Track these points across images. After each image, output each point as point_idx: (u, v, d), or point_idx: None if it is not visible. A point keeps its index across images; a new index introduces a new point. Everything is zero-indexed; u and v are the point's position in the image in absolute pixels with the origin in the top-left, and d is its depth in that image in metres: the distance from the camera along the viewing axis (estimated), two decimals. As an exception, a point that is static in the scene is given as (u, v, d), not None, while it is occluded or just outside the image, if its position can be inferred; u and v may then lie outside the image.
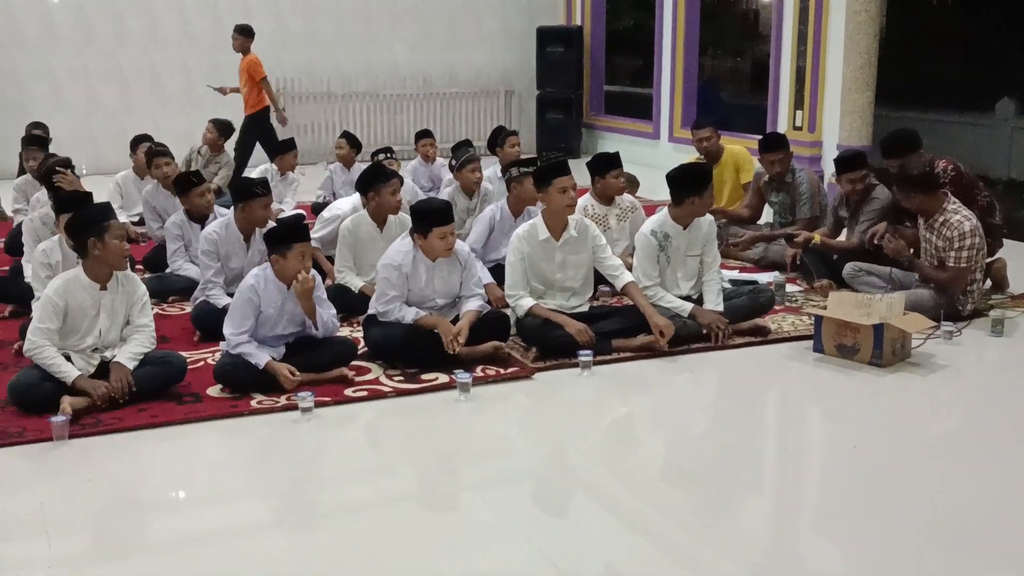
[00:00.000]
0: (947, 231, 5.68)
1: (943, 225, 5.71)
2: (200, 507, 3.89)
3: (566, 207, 5.41)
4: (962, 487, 3.89)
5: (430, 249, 5.14)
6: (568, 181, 5.40)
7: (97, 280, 4.66)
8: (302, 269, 4.85)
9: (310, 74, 13.22)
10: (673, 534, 3.59)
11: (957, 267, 5.68)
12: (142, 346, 4.71)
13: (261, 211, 5.84)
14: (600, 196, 6.70)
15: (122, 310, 4.75)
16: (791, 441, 4.65)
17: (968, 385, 5.09)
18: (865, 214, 6.53)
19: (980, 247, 5.72)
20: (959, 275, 5.71)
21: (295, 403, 4.56)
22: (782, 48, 10.59)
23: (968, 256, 5.65)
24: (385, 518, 3.70)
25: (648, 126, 13.07)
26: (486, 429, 4.65)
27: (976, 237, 5.66)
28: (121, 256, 4.66)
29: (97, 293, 4.66)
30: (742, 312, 5.68)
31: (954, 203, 5.77)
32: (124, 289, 4.75)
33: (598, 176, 6.64)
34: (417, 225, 5.15)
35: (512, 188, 6.41)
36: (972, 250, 5.65)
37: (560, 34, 13.77)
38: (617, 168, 6.66)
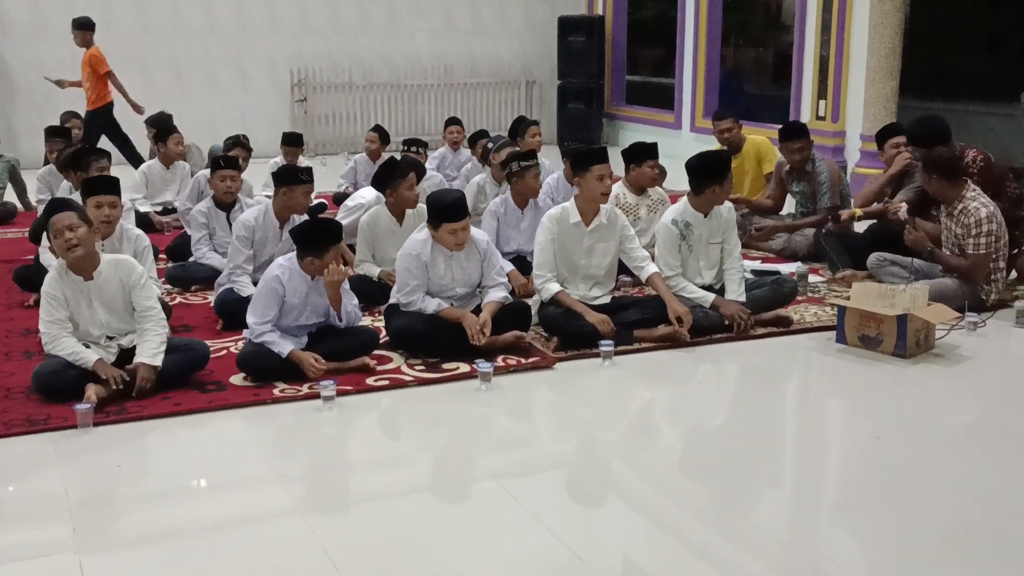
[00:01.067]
0: (965, 218, 5.65)
1: (962, 212, 5.69)
2: (222, 494, 3.92)
3: (601, 195, 5.40)
4: (985, 480, 3.86)
5: (441, 242, 5.14)
6: (606, 169, 5.39)
7: (79, 272, 4.65)
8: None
9: (332, 64, 13.24)
10: (693, 526, 3.59)
11: (976, 254, 5.64)
12: (157, 334, 4.69)
13: (303, 198, 5.89)
14: (633, 185, 6.71)
15: (119, 296, 4.72)
16: (813, 433, 4.63)
17: (992, 377, 5.06)
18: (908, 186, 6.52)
19: (998, 234, 5.68)
20: (980, 262, 5.67)
21: (317, 392, 4.58)
22: (805, 37, 10.53)
23: (987, 243, 5.62)
24: (406, 506, 3.71)
25: (670, 116, 13.02)
26: (507, 419, 4.66)
27: (993, 223, 5.63)
28: (63, 251, 4.59)
29: (84, 284, 4.66)
30: (764, 303, 5.66)
31: (973, 190, 5.74)
32: (116, 274, 4.71)
33: (634, 164, 6.65)
34: (430, 217, 5.15)
35: (513, 182, 6.39)
36: (990, 236, 5.62)
37: (582, 23, 13.73)
38: (654, 159, 6.67)
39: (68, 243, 4.56)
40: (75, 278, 4.64)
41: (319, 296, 4.97)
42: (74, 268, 4.63)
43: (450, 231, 5.09)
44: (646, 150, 6.69)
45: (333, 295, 4.92)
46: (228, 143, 8.36)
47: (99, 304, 4.69)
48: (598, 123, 13.87)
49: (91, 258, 4.66)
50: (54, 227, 4.59)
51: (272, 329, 4.86)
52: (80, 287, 4.65)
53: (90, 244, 4.65)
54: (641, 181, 6.69)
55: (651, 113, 13.67)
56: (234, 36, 12.84)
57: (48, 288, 4.62)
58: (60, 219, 4.60)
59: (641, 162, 6.63)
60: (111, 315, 4.73)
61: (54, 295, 4.61)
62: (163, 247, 7.15)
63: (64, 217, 4.60)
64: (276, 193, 5.90)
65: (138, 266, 4.82)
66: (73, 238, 4.57)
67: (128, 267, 4.76)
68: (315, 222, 5.21)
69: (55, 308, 4.59)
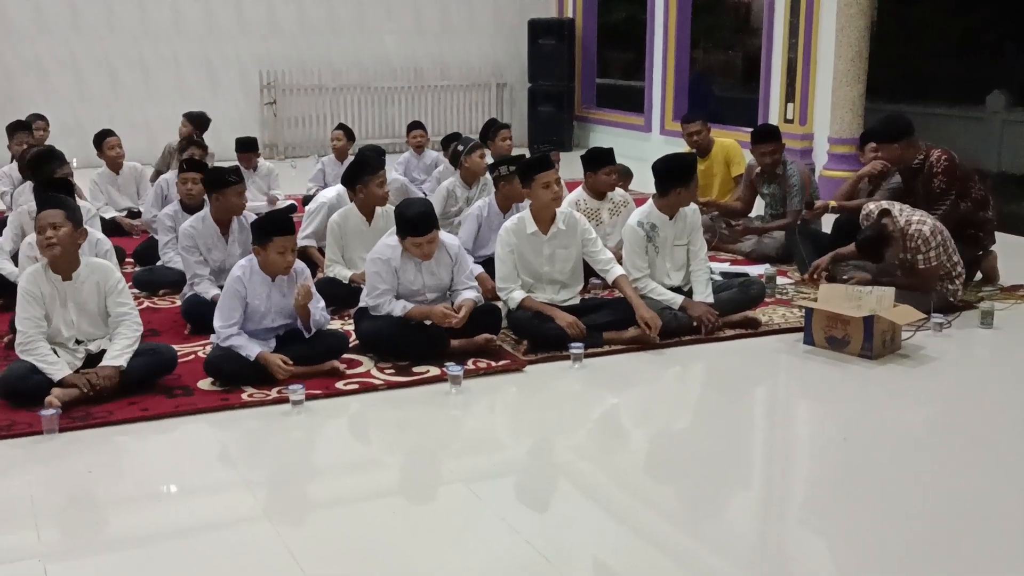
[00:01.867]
0: (911, 243, 5.67)
1: (907, 239, 5.68)
2: (190, 499, 3.88)
3: (551, 201, 5.40)
4: (951, 480, 3.90)
5: (407, 251, 5.13)
6: (550, 176, 5.39)
7: (59, 272, 4.64)
8: (286, 265, 4.84)
9: (301, 66, 13.19)
10: (662, 528, 3.60)
11: (927, 268, 5.68)
12: (127, 338, 4.66)
13: (236, 199, 5.82)
14: (592, 191, 6.72)
15: (92, 300, 4.70)
16: (781, 434, 4.66)
17: (957, 377, 5.11)
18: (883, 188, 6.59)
19: (944, 243, 5.71)
20: (932, 273, 5.73)
21: (286, 396, 4.56)
22: (773, 41, 10.59)
23: (936, 255, 5.66)
24: (375, 510, 3.70)
25: (640, 119, 13.06)
26: (477, 422, 4.66)
27: (937, 235, 5.66)
28: (43, 247, 4.59)
29: (61, 284, 4.64)
30: (733, 304, 5.69)
31: (903, 215, 5.72)
32: (93, 278, 4.69)
33: (590, 171, 6.67)
34: (397, 228, 5.13)
35: (500, 186, 6.40)
36: (939, 248, 5.66)
37: (552, 26, 13.74)
38: (609, 166, 6.67)
39: (48, 240, 4.55)
40: (54, 276, 4.63)
41: (282, 297, 4.95)
42: (54, 267, 4.62)
43: (414, 244, 5.08)
44: (602, 157, 6.69)
45: (301, 311, 4.91)
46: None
47: (73, 305, 4.66)
48: (568, 126, 13.89)
49: (71, 259, 4.65)
50: (38, 223, 4.61)
51: (239, 332, 4.83)
52: (57, 286, 4.63)
53: (71, 245, 4.64)
54: (599, 187, 6.70)
55: (621, 116, 13.71)
56: (202, 38, 12.75)
57: (26, 284, 4.61)
58: (45, 216, 4.60)
59: (597, 169, 6.65)
60: (83, 318, 4.69)
61: (32, 291, 4.59)
62: (130, 251, 7.09)
63: (50, 215, 4.60)
64: (210, 199, 5.85)
65: (116, 272, 4.81)
66: (54, 236, 4.56)
67: (107, 272, 4.74)
68: (266, 214, 5.23)
69: (32, 305, 4.57)
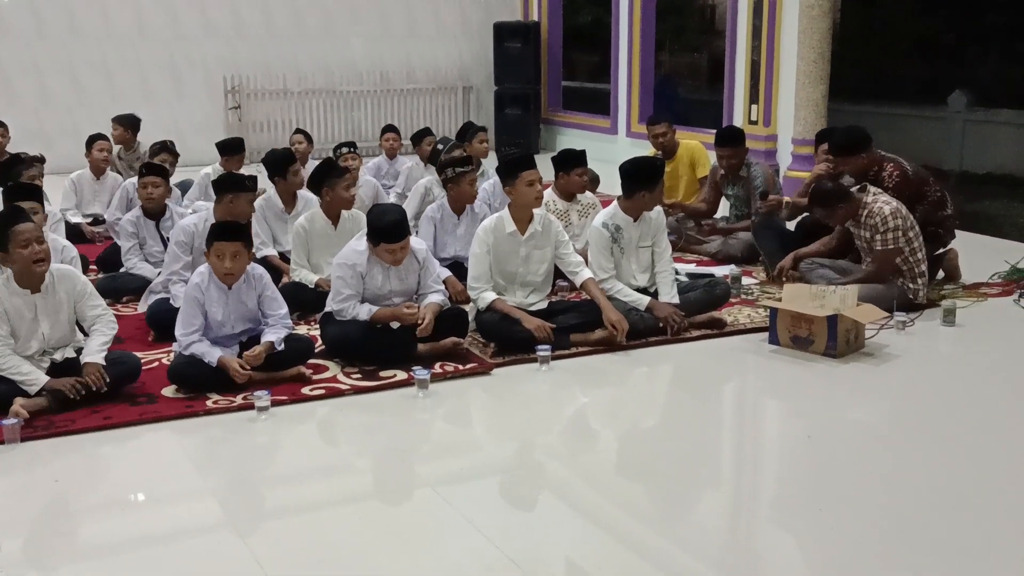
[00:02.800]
0: (871, 219, 5.77)
1: (868, 216, 5.78)
2: (155, 508, 3.86)
3: (534, 199, 5.41)
4: (916, 476, 3.94)
5: (378, 257, 5.12)
6: (535, 175, 5.41)
7: (26, 286, 4.53)
8: (224, 271, 4.81)
9: (266, 71, 13.12)
10: (632, 528, 3.61)
11: (884, 250, 5.75)
12: (104, 335, 4.62)
13: (247, 206, 5.81)
14: (562, 192, 6.74)
15: (64, 308, 4.63)
16: (748, 433, 4.69)
17: (920, 375, 5.16)
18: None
19: (905, 228, 5.76)
20: (887, 257, 5.78)
21: (251, 402, 4.53)
22: (737, 43, 10.66)
23: (893, 238, 5.73)
24: (342, 515, 3.69)
25: (606, 121, 13.10)
26: (445, 425, 4.65)
27: (898, 219, 5.73)
28: (30, 262, 4.46)
29: (30, 298, 4.54)
30: (698, 305, 5.72)
31: (873, 194, 5.85)
32: (61, 287, 4.62)
33: (563, 172, 6.68)
34: (369, 234, 5.11)
35: (449, 187, 6.40)
36: (896, 231, 5.72)
37: (517, 29, 13.75)
38: (582, 166, 6.71)
39: (37, 255, 4.45)
40: (20, 291, 4.52)
41: (240, 303, 4.93)
42: (21, 281, 4.52)
43: (388, 251, 5.07)
44: (574, 158, 6.72)
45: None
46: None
47: (44, 318, 4.58)
48: (535, 129, 13.90)
49: (41, 272, 4.55)
50: (20, 236, 4.43)
51: (200, 339, 4.80)
52: (26, 300, 4.53)
53: (50, 259, 4.57)
54: (570, 188, 6.72)
55: (587, 119, 13.75)
56: (167, 41, 12.66)
57: None
58: (27, 230, 4.46)
59: (570, 170, 6.67)
60: (54, 329, 4.62)
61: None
62: (93, 258, 7.02)
63: (31, 229, 4.48)
64: (220, 200, 5.76)
65: (79, 275, 4.74)
66: (42, 252, 4.47)
67: (71, 278, 4.67)
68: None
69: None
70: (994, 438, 4.31)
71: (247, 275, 4.93)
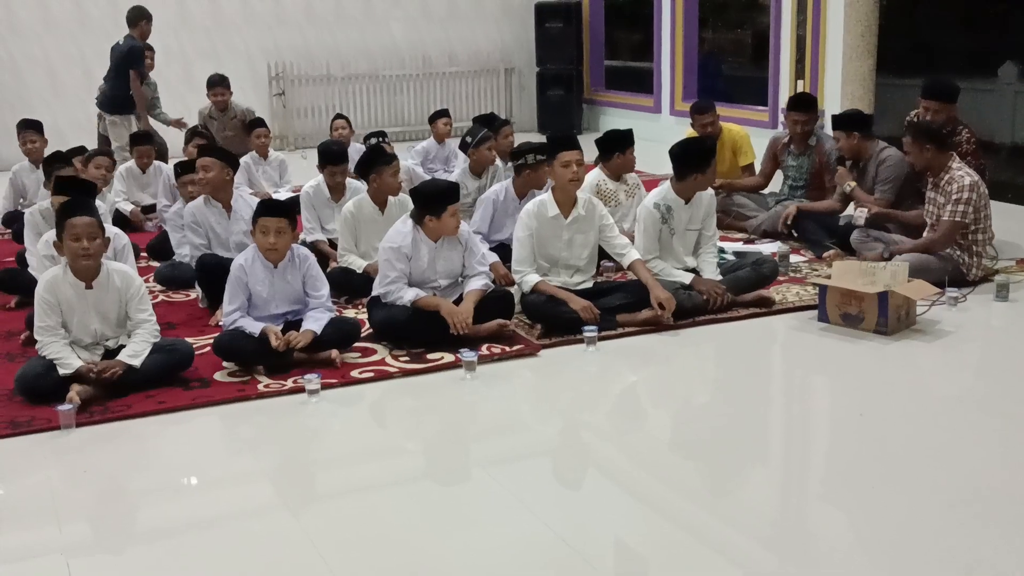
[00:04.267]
0: (949, 186, 5.71)
1: (948, 183, 5.74)
2: (209, 490, 3.92)
3: (569, 181, 5.39)
4: (968, 453, 3.89)
5: (442, 228, 5.14)
6: (572, 155, 5.38)
7: (82, 278, 4.60)
8: (267, 246, 4.92)
9: (308, 57, 13.18)
10: (682, 506, 3.60)
11: (951, 221, 5.70)
12: (144, 341, 4.66)
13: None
14: (615, 172, 6.73)
15: (114, 308, 4.68)
16: (797, 411, 4.66)
17: (973, 351, 5.09)
18: (881, 176, 6.56)
19: (978, 205, 5.72)
20: (950, 230, 5.72)
21: (302, 386, 4.58)
22: (782, 18, 10.54)
23: (963, 211, 5.67)
24: (393, 496, 3.72)
25: (649, 100, 13.02)
26: (492, 406, 4.66)
27: (974, 193, 5.68)
28: (76, 256, 4.53)
29: (83, 291, 4.61)
30: (746, 283, 5.68)
31: (959, 162, 5.81)
32: (115, 286, 4.67)
33: (618, 153, 6.69)
34: (426, 206, 5.13)
35: (524, 173, 6.33)
36: (968, 205, 5.66)
37: (559, 9, 13.69)
38: (633, 144, 6.74)
39: (84, 251, 4.52)
40: (76, 282, 4.60)
41: (285, 283, 5.03)
42: (76, 273, 4.60)
43: (452, 213, 5.13)
44: (627, 137, 6.75)
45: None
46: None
47: (95, 313, 4.65)
48: (578, 109, 13.85)
49: (95, 266, 4.62)
50: (72, 229, 4.52)
51: (243, 315, 4.92)
52: (79, 293, 4.61)
53: (100, 255, 4.64)
54: (625, 168, 6.75)
55: (630, 98, 13.66)
56: (208, 30, 12.75)
57: (43, 291, 4.57)
58: (81, 224, 4.53)
59: (625, 149, 6.69)
60: (104, 324, 4.69)
61: (48, 299, 4.56)
62: (144, 245, 7.11)
63: (85, 224, 4.54)
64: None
65: (137, 278, 4.80)
66: (90, 247, 4.54)
67: (128, 279, 4.73)
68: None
69: (47, 314, 4.55)
70: (1050, 414, 4.24)
71: (292, 255, 5.02)
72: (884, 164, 6.57)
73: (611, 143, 6.73)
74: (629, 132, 6.82)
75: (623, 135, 6.77)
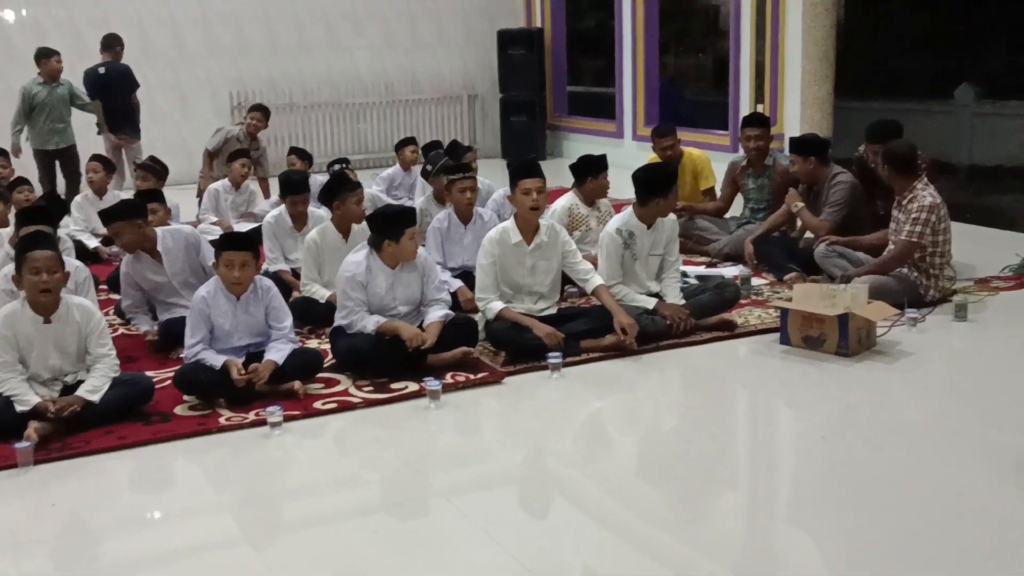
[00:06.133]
0: (911, 205, 5.80)
1: (910, 201, 5.82)
2: (171, 525, 3.87)
3: (530, 209, 5.41)
4: (930, 473, 3.92)
5: (401, 252, 5.13)
6: (533, 183, 5.40)
7: (41, 312, 4.54)
8: (231, 280, 4.88)
9: (271, 85, 13.15)
10: (649, 532, 3.60)
11: (907, 240, 5.78)
12: (103, 376, 4.60)
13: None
14: (587, 197, 6.76)
15: (74, 342, 4.63)
16: (762, 435, 4.68)
17: (934, 372, 5.14)
18: (831, 199, 6.63)
19: (938, 228, 5.79)
20: (905, 249, 5.80)
21: (264, 418, 4.54)
22: (741, 43, 10.66)
23: (920, 232, 5.74)
24: (356, 528, 3.69)
25: (612, 125, 13.09)
26: (457, 435, 4.65)
27: (933, 215, 5.75)
28: (35, 290, 4.46)
29: (41, 326, 4.54)
30: (708, 307, 5.71)
31: (924, 183, 5.91)
32: (74, 320, 4.61)
33: (591, 177, 6.74)
34: (384, 231, 5.13)
35: (450, 190, 6.47)
36: (925, 225, 5.73)
37: (521, 36, 13.77)
38: (606, 169, 6.82)
39: (43, 285, 4.45)
40: (35, 317, 4.54)
41: (247, 315, 4.98)
42: (35, 308, 4.53)
43: (411, 236, 5.12)
44: (600, 162, 6.82)
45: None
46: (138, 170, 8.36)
47: (53, 348, 4.59)
48: (541, 135, 13.91)
49: (55, 301, 4.56)
50: (31, 263, 4.45)
51: (205, 348, 4.87)
52: (37, 328, 4.54)
53: (60, 290, 4.58)
54: (598, 192, 6.82)
55: (593, 123, 13.74)
56: (172, 61, 12.71)
57: (0, 326, 4.49)
58: (41, 258, 4.46)
59: (598, 174, 6.75)
60: (63, 359, 4.63)
61: (5, 335, 4.49)
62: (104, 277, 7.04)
63: (45, 258, 4.47)
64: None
65: (97, 312, 4.74)
66: (50, 282, 4.48)
67: (88, 313, 4.66)
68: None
69: (4, 349, 4.48)
70: (1009, 434, 4.28)
71: (255, 286, 4.99)
72: (834, 187, 6.65)
73: (584, 167, 6.78)
74: (603, 157, 6.88)
75: (596, 160, 6.83)
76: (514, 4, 14.46)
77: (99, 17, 12.12)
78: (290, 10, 13.27)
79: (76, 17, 12.18)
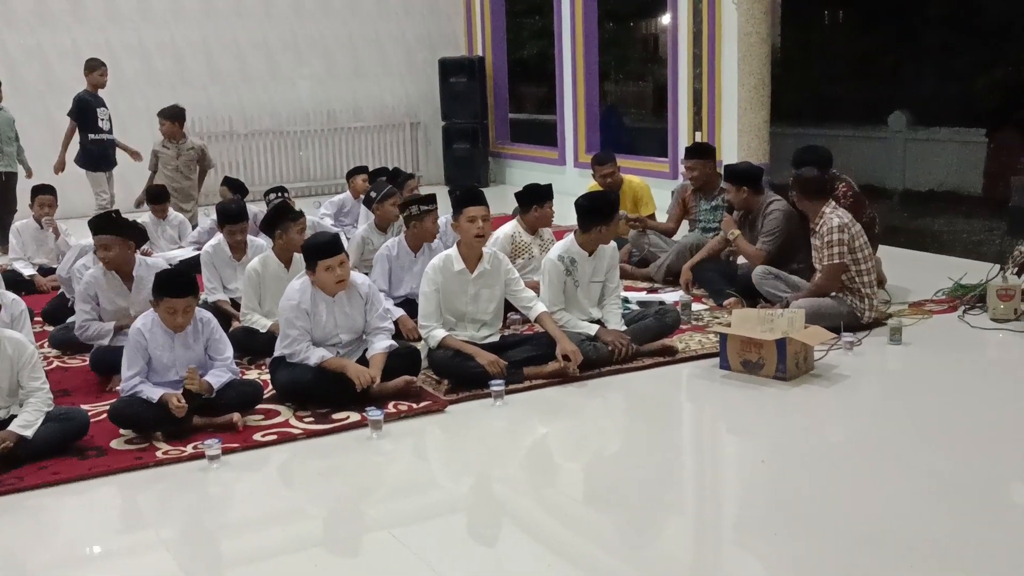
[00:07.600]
0: (822, 229, 5.92)
1: (821, 226, 5.94)
2: (108, 562, 3.80)
3: (474, 237, 5.42)
4: (868, 494, 3.98)
5: (322, 285, 5.10)
6: (478, 211, 5.41)
7: None
8: (175, 325, 4.83)
9: (212, 113, 13.07)
10: (598, 558, 3.61)
11: (829, 264, 5.90)
12: (36, 411, 4.51)
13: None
14: (529, 226, 6.80)
15: (5, 377, 4.53)
16: (703, 460, 4.71)
17: (870, 394, 5.22)
18: (765, 228, 6.71)
19: (852, 246, 5.89)
20: (831, 271, 5.91)
21: (202, 451, 4.48)
22: (679, 71, 10.80)
23: (838, 252, 5.86)
24: (297, 563, 3.64)
25: (554, 152, 13.19)
26: (401, 465, 4.62)
27: (844, 234, 5.86)
28: None
29: None
30: (650, 333, 5.75)
31: (832, 207, 6.02)
32: (6, 354, 4.52)
33: (536, 206, 6.77)
34: (307, 261, 5.11)
35: (412, 225, 6.41)
36: (841, 245, 5.85)
37: (462, 65, 13.84)
38: (551, 199, 6.86)
39: None
40: None
41: (187, 349, 4.91)
42: None
43: (326, 268, 5.04)
44: (547, 192, 6.85)
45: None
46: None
47: None
48: (484, 162, 13.97)
49: None
50: None
51: (142, 381, 4.79)
52: None
53: None
54: (541, 221, 6.85)
55: (535, 150, 13.83)
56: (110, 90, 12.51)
57: None
58: None
59: (543, 203, 6.79)
60: None
61: None
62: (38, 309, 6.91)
63: None
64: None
65: (30, 346, 4.64)
66: None
67: (20, 347, 4.57)
68: (166, 272, 5.21)
69: None
70: (944, 455, 4.36)
71: (194, 319, 4.92)
72: (769, 216, 6.74)
73: (530, 196, 6.81)
74: (548, 187, 6.90)
75: (543, 190, 6.86)
76: (455, 33, 14.54)
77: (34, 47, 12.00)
78: (231, 39, 13.23)
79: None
